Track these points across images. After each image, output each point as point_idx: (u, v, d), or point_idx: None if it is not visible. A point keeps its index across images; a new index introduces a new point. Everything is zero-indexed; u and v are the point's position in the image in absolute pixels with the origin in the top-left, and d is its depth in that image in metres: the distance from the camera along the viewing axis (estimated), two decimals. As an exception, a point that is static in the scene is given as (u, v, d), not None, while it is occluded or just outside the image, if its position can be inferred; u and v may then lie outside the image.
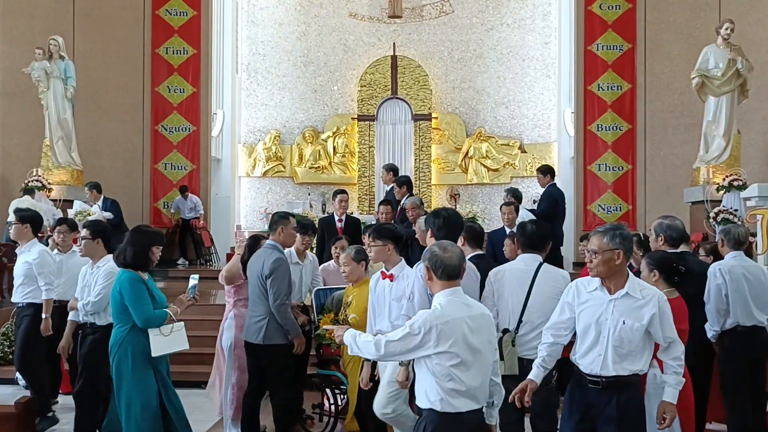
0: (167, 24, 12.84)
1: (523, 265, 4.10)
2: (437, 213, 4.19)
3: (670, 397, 3.36)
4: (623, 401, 3.30)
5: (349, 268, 4.83)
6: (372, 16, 15.56)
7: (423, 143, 15.22)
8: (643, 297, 3.33)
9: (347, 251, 4.92)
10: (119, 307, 4.26)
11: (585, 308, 3.39)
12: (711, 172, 9.38)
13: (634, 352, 3.30)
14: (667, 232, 4.50)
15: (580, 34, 12.50)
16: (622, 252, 3.32)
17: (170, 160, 12.85)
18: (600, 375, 3.32)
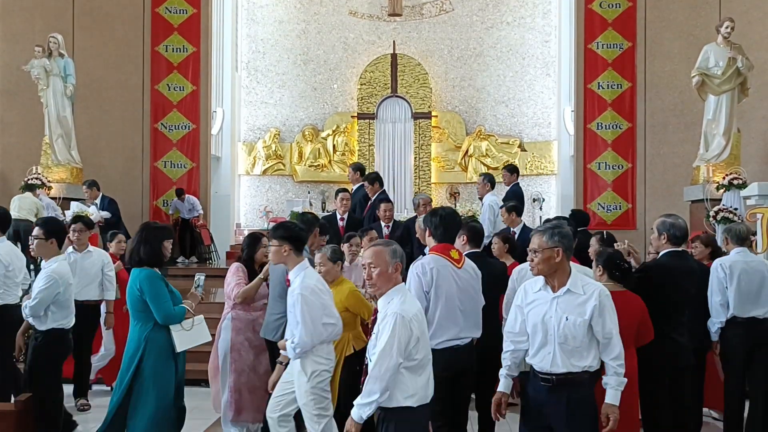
0: (167, 22, 12.83)
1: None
2: (435, 212, 4.20)
3: (612, 398, 3.33)
4: (573, 399, 3.30)
5: (324, 268, 4.66)
6: (372, 14, 15.55)
7: (423, 141, 15.21)
8: (585, 292, 3.34)
9: (323, 251, 4.77)
10: (139, 305, 4.22)
11: (532, 308, 3.43)
12: (711, 170, 9.39)
13: (580, 348, 3.31)
14: (671, 230, 4.49)
15: (580, 32, 12.50)
16: (562, 250, 3.35)
17: (170, 158, 12.85)
18: (550, 373, 3.34)
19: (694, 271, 4.64)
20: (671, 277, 4.46)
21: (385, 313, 3.19)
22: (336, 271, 4.73)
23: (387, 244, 3.37)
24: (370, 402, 3.10)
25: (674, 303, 4.47)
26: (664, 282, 4.43)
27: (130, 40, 12.62)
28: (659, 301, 4.41)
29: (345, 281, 4.80)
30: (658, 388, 4.44)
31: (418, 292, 3.91)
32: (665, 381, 4.44)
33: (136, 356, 4.20)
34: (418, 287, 3.92)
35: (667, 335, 4.40)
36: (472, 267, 4.17)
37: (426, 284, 3.92)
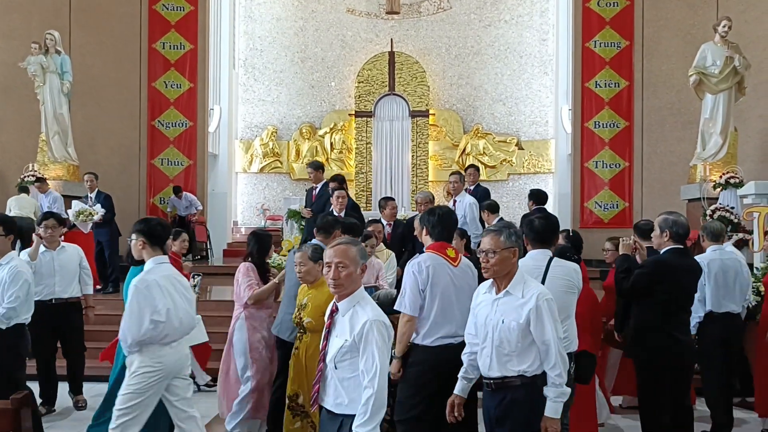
0: (164, 19, 12.81)
1: (534, 261, 4.06)
2: (432, 211, 4.18)
3: (551, 411, 3.21)
4: (507, 401, 3.24)
5: (305, 268, 4.46)
6: (370, 12, 15.54)
7: (420, 140, 15.21)
8: (524, 295, 3.24)
9: (303, 249, 4.55)
10: None
11: (478, 310, 3.39)
12: (708, 169, 9.40)
13: (515, 352, 3.21)
14: (673, 228, 4.47)
15: (577, 31, 12.52)
16: (517, 250, 3.32)
17: (167, 155, 12.84)
18: (489, 376, 3.29)
19: (696, 269, 4.61)
20: (673, 275, 4.41)
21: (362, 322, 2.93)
22: (317, 271, 4.41)
23: (354, 243, 3.14)
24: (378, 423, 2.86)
25: (677, 301, 4.44)
26: (665, 279, 4.39)
27: (127, 37, 12.60)
28: (661, 298, 4.39)
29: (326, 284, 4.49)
30: (659, 388, 4.43)
31: (414, 290, 3.90)
32: (667, 381, 4.41)
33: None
34: (414, 285, 3.91)
35: (671, 334, 4.39)
36: (469, 266, 4.16)
37: (422, 282, 3.90)
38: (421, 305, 3.90)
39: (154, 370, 3.91)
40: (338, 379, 2.97)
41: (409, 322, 3.92)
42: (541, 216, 4.28)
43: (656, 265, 4.50)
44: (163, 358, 3.95)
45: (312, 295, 4.37)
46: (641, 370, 4.53)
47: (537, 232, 4.10)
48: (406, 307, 3.92)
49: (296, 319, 4.41)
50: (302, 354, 4.38)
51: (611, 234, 6.87)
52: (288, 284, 4.93)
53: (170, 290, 4.00)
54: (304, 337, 4.37)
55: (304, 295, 4.47)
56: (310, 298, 4.36)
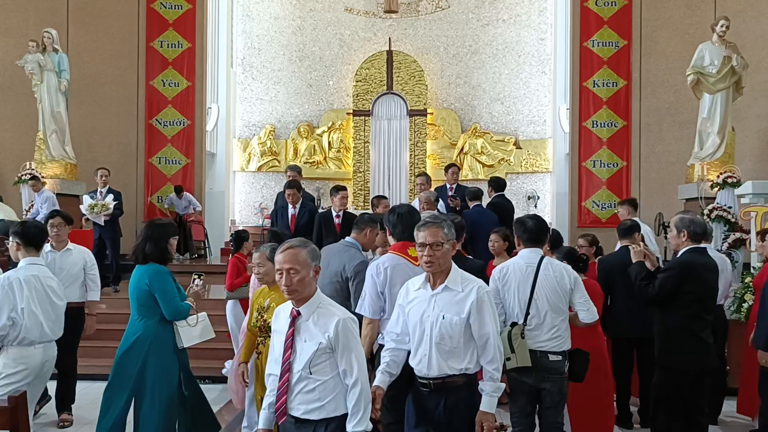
0: (162, 17, 12.80)
1: (526, 260, 4.08)
2: (393, 210, 4.18)
3: (487, 406, 3.16)
4: (451, 403, 3.16)
5: (264, 269, 4.27)
6: (368, 11, 15.53)
7: (418, 139, 15.21)
8: (463, 289, 3.18)
9: (262, 249, 4.37)
10: (144, 300, 4.28)
11: (412, 307, 3.27)
12: (705, 169, 9.40)
13: (457, 349, 3.15)
14: (691, 227, 4.42)
15: (575, 30, 12.53)
16: (455, 243, 3.30)
17: (164, 154, 12.83)
18: (428, 377, 3.18)
19: (715, 268, 4.54)
20: (698, 275, 4.36)
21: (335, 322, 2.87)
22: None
23: (304, 244, 2.98)
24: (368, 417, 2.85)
25: (702, 302, 4.37)
26: (691, 280, 4.33)
27: (124, 36, 12.59)
28: (687, 300, 4.32)
29: None
30: (677, 392, 4.35)
31: (373, 293, 3.89)
32: (686, 383, 4.33)
33: (141, 352, 4.26)
34: (373, 288, 3.89)
35: (696, 335, 4.33)
36: None
37: (380, 285, 3.89)
38: (382, 307, 3.90)
39: (11, 372, 4.06)
40: (313, 384, 2.86)
41: (370, 325, 3.93)
42: (533, 216, 4.30)
43: (682, 267, 4.40)
44: (19, 362, 4.09)
45: (274, 297, 4.15)
46: (665, 374, 4.43)
47: (530, 232, 4.12)
48: (366, 310, 3.93)
49: (258, 322, 4.18)
50: (266, 358, 4.14)
51: (611, 234, 6.88)
52: (323, 283, 4.65)
53: (35, 291, 4.16)
54: (268, 340, 4.03)
55: (265, 297, 4.27)
56: (273, 299, 4.15)
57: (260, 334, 4.19)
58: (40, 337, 4.20)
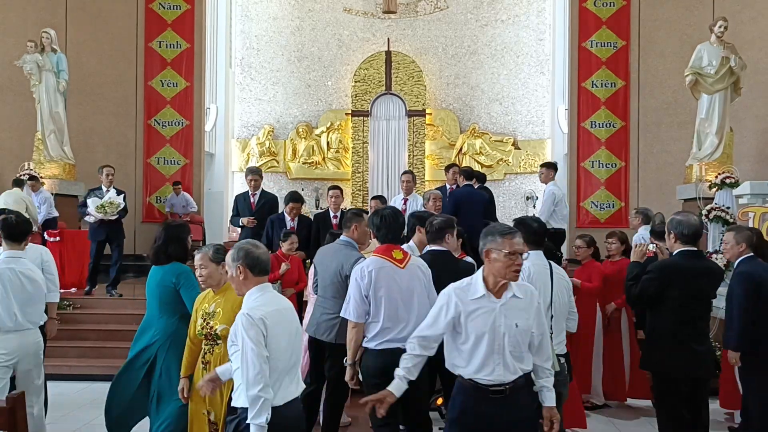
0: (160, 18, 12.80)
1: (541, 261, 4.06)
2: (377, 212, 4.18)
3: (551, 401, 3.25)
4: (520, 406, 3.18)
5: (206, 270, 4.01)
6: (366, 11, 15.54)
7: (417, 139, 15.22)
8: (524, 295, 3.22)
9: (204, 250, 4.08)
10: (168, 297, 4.37)
11: (476, 317, 3.16)
12: (703, 169, 9.42)
13: (524, 352, 3.20)
14: (678, 228, 4.24)
15: (574, 30, 12.53)
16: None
17: (163, 154, 12.83)
18: (503, 383, 3.15)
19: (712, 272, 4.31)
20: (684, 279, 4.15)
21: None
22: (219, 274, 3.99)
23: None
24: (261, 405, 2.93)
25: (690, 307, 4.16)
26: (675, 284, 4.15)
27: (123, 36, 12.59)
28: (672, 305, 4.16)
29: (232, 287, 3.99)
30: (675, 401, 4.21)
31: (357, 296, 3.90)
32: (684, 393, 4.19)
33: (163, 348, 4.36)
34: (357, 291, 3.91)
35: (686, 344, 4.14)
36: (419, 266, 4.08)
37: (365, 288, 3.91)
38: (366, 311, 3.92)
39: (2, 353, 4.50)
40: None
41: (354, 328, 3.96)
42: (536, 218, 4.28)
43: (663, 269, 4.26)
44: (4, 344, 4.49)
45: (222, 301, 3.97)
46: (656, 381, 4.34)
47: (535, 233, 4.08)
48: (350, 314, 3.96)
49: (204, 330, 3.96)
50: (214, 367, 3.91)
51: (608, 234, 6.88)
52: (323, 283, 4.72)
53: (9, 283, 4.47)
54: (216, 348, 3.95)
55: (210, 301, 4.04)
56: (219, 304, 3.97)
57: (207, 342, 3.98)
58: (15, 326, 4.51)
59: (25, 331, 4.59)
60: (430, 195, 7.40)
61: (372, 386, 3.88)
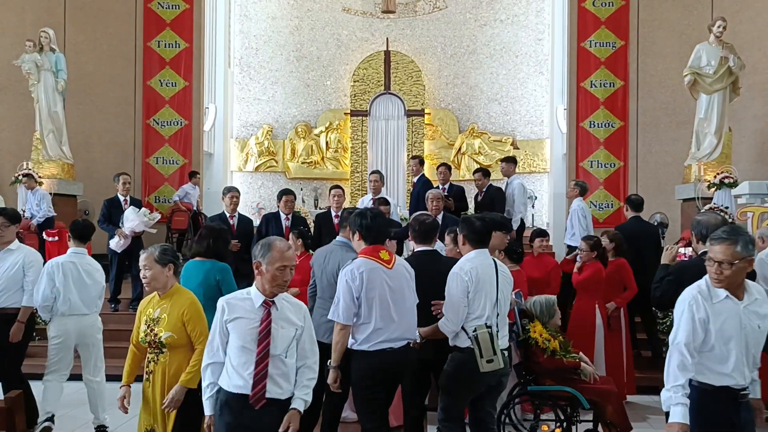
0: (159, 17, 12.78)
1: (486, 260, 4.09)
2: (362, 213, 4.19)
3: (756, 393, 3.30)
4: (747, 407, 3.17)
5: (150, 272, 3.79)
6: (365, 11, 15.53)
7: (416, 139, 15.22)
8: (759, 294, 3.20)
9: (150, 250, 3.87)
10: (212, 293, 4.53)
11: (723, 319, 3.10)
12: (702, 169, 9.42)
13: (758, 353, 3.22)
14: (697, 228, 4.21)
15: (573, 30, 12.52)
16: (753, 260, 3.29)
17: (162, 154, 12.81)
18: (744, 386, 3.14)
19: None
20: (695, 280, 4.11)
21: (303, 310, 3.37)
22: (166, 277, 3.82)
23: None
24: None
25: None
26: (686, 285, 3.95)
27: (122, 35, 12.57)
28: None
29: (182, 291, 3.90)
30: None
31: (348, 298, 3.88)
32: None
33: None
34: (348, 293, 3.88)
35: None
36: (404, 266, 4.14)
37: (356, 290, 3.89)
38: (355, 313, 3.90)
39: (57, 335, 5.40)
40: (288, 368, 3.22)
41: (342, 330, 3.92)
42: (480, 216, 4.29)
43: (681, 271, 4.22)
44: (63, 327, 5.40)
45: (167, 306, 3.78)
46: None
47: (478, 233, 4.09)
48: (339, 316, 3.91)
49: (149, 337, 3.76)
50: (159, 378, 3.76)
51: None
52: (321, 285, 4.74)
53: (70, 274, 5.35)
54: (161, 357, 3.76)
55: (155, 306, 3.83)
56: (164, 309, 3.77)
57: (151, 351, 3.79)
58: (70, 311, 5.40)
59: (82, 316, 5.44)
60: (429, 195, 7.40)
61: (363, 388, 3.90)
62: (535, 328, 4.77)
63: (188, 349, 3.78)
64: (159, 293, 3.84)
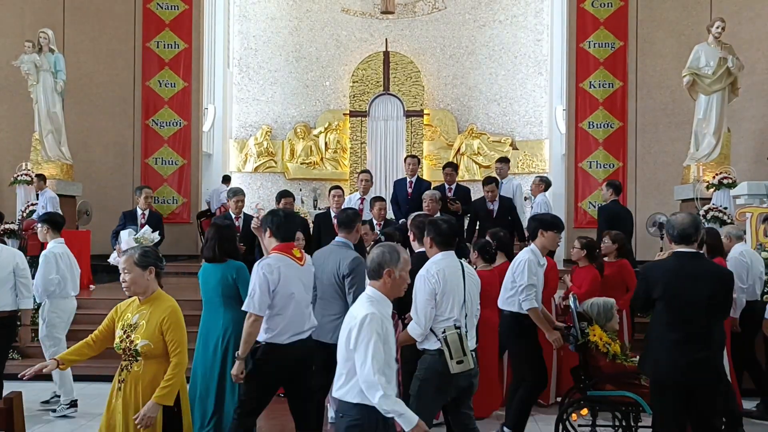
0: (158, 18, 12.78)
1: (453, 261, 4.08)
2: (274, 212, 4.38)
3: None
4: None
5: (130, 276, 3.58)
6: (364, 11, 15.54)
7: (415, 139, 15.22)
8: None
9: (129, 253, 3.67)
10: (231, 292, 4.77)
11: None
12: (701, 169, 9.43)
13: None
14: (665, 228, 4.20)
15: (572, 31, 12.54)
16: None
17: (161, 154, 12.81)
18: None
19: (710, 275, 4.02)
20: (670, 281, 3.98)
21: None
22: (146, 281, 3.62)
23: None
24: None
25: (679, 311, 3.95)
26: (660, 286, 3.99)
27: (121, 36, 12.57)
28: (659, 308, 4.00)
29: (163, 297, 3.67)
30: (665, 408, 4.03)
31: (264, 290, 4.03)
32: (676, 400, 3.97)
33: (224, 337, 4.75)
34: (264, 285, 4.04)
35: (674, 350, 3.93)
36: (311, 264, 4.43)
37: (273, 282, 4.07)
38: (269, 304, 4.07)
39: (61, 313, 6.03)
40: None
41: (255, 321, 4.07)
42: (447, 219, 4.28)
43: (647, 271, 4.17)
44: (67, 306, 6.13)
45: (145, 313, 3.58)
46: (650, 387, 4.20)
47: (445, 235, 4.09)
48: (255, 307, 4.05)
49: (123, 343, 3.55)
50: (131, 389, 3.53)
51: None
52: (321, 285, 4.72)
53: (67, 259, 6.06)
54: (134, 366, 3.52)
55: (134, 311, 3.63)
56: (144, 315, 3.57)
57: (124, 358, 3.57)
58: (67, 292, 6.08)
59: (73, 298, 6.19)
60: (425, 196, 7.41)
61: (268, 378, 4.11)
62: (594, 331, 4.67)
63: (164, 360, 3.54)
64: (139, 298, 3.63)
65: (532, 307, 4.90)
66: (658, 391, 4.07)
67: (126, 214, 8.32)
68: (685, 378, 3.94)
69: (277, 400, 4.58)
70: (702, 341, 3.96)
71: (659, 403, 4.08)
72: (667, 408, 4.01)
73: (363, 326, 3.02)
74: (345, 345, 3.10)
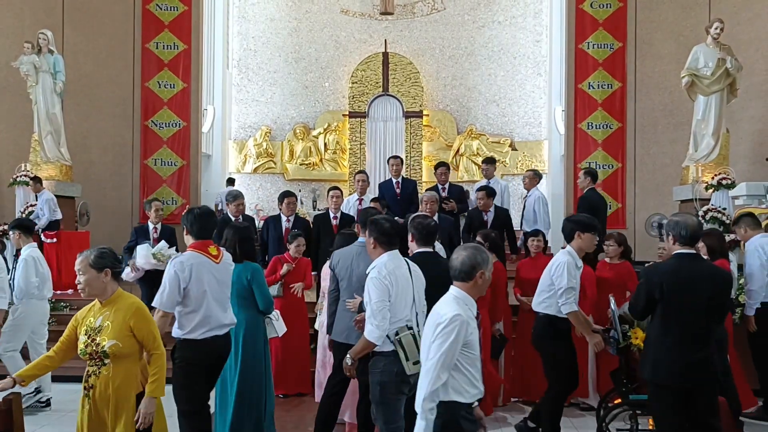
0: (157, 19, 12.77)
1: (400, 261, 4.04)
2: (191, 211, 4.48)
3: None
4: None
5: (85, 278, 3.51)
6: (364, 12, 15.55)
7: (414, 140, 15.23)
8: None
9: (85, 254, 3.58)
10: (245, 293, 4.92)
11: None
12: (700, 170, 9.43)
13: None
14: (676, 229, 4.09)
15: (571, 32, 12.53)
16: None
17: (160, 155, 12.79)
18: None
19: (711, 276, 4.05)
20: (671, 283, 3.98)
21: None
22: (102, 283, 3.54)
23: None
24: None
25: (679, 313, 3.97)
26: (661, 288, 3.99)
27: (120, 37, 12.55)
28: (659, 310, 4.02)
29: (125, 296, 3.62)
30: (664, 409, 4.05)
31: (174, 287, 4.13)
32: (673, 401, 3.99)
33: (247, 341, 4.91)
34: (175, 282, 4.15)
35: (674, 351, 3.96)
36: (228, 262, 4.54)
37: (184, 280, 4.16)
38: (178, 301, 4.18)
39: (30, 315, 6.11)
40: None
41: (164, 317, 4.17)
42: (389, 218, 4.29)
43: (648, 273, 4.17)
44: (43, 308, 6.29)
45: (108, 314, 3.52)
46: (649, 388, 4.20)
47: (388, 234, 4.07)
48: (163, 304, 4.16)
49: (89, 347, 3.48)
50: (101, 391, 3.46)
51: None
52: (345, 287, 4.68)
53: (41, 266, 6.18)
54: (102, 369, 3.46)
55: (96, 314, 3.56)
56: (107, 317, 3.51)
57: (91, 363, 3.49)
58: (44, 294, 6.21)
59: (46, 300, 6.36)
60: (424, 197, 7.39)
61: (194, 374, 4.21)
62: (636, 334, 4.60)
63: (134, 359, 3.51)
64: (99, 300, 3.56)
65: (573, 310, 4.80)
66: (657, 392, 4.06)
67: (137, 230, 8.09)
68: (683, 379, 3.96)
69: (278, 400, 4.59)
70: (701, 342, 3.98)
71: (658, 404, 4.07)
72: (667, 409, 4.01)
73: (448, 324, 3.04)
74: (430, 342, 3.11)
